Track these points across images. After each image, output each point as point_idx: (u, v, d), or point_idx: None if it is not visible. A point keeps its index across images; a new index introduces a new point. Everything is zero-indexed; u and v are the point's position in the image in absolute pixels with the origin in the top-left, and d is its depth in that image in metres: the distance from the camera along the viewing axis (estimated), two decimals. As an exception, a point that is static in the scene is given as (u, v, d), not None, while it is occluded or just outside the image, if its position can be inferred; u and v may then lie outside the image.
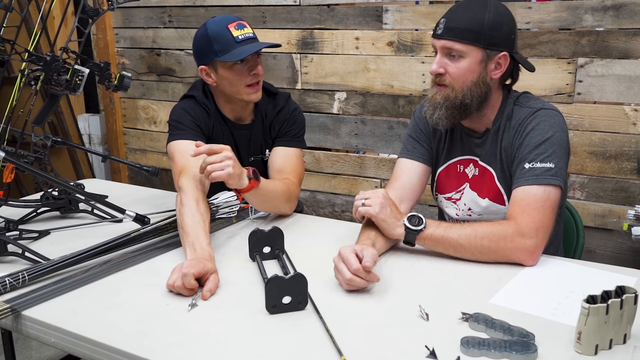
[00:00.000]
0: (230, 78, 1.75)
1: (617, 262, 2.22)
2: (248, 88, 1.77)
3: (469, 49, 1.47)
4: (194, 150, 1.54)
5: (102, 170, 3.65)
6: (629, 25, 2.15)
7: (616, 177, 2.27)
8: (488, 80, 1.52)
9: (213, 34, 1.73)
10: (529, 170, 1.46)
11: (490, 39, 1.47)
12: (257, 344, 1.10)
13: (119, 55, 3.41)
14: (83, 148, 2.63)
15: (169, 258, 1.51)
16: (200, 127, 1.81)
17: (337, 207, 2.92)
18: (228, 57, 1.72)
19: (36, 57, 1.65)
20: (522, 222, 1.40)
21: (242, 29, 1.75)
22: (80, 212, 1.84)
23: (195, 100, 1.85)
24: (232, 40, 1.73)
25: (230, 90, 1.79)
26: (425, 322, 1.16)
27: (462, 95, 1.50)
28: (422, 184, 1.69)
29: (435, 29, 1.53)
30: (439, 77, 1.52)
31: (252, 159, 1.92)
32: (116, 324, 1.18)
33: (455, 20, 1.49)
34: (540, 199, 1.43)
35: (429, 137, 1.70)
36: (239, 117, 1.88)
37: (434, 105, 1.54)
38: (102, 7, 1.79)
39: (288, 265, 1.42)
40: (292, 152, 1.88)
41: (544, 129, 1.48)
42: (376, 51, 2.65)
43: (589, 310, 1.01)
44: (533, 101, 1.56)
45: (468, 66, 1.49)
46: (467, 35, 1.47)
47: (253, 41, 1.76)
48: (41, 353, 2.65)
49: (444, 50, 1.50)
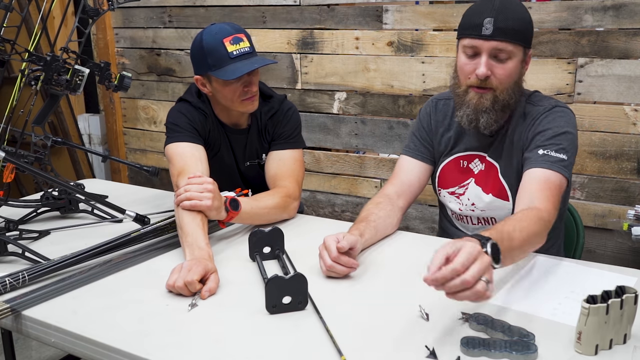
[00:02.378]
0: (224, 92, 1.74)
1: (617, 262, 2.22)
2: (243, 101, 1.75)
3: (518, 50, 1.46)
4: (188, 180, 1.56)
5: (102, 170, 3.65)
6: (629, 25, 2.15)
7: (616, 177, 2.27)
8: (522, 78, 1.53)
9: (207, 48, 1.70)
10: (542, 156, 1.46)
11: (530, 38, 1.49)
12: (257, 344, 1.10)
13: (119, 55, 3.41)
14: (83, 148, 2.63)
15: (169, 258, 1.51)
16: (197, 129, 1.80)
17: (337, 207, 2.92)
18: (221, 73, 1.69)
19: (36, 57, 1.65)
20: (548, 207, 1.38)
21: (238, 44, 1.71)
22: (80, 212, 1.84)
23: (191, 106, 1.83)
24: (227, 56, 1.69)
25: (224, 102, 1.78)
26: (425, 322, 1.16)
27: (508, 96, 1.49)
28: (420, 181, 1.70)
29: (479, 29, 1.43)
30: (485, 80, 1.46)
31: (248, 164, 1.91)
32: (116, 324, 1.18)
33: (504, 20, 1.43)
34: (557, 186, 1.43)
35: (430, 135, 1.70)
36: (235, 123, 1.87)
37: (480, 110, 1.49)
38: (102, 7, 1.80)
39: (288, 265, 1.42)
40: (288, 154, 1.86)
41: (560, 124, 1.49)
42: (376, 51, 2.65)
43: (589, 310, 1.01)
44: (546, 100, 1.57)
45: (514, 66, 1.47)
46: (518, 35, 1.45)
47: (249, 56, 1.72)
48: (41, 353, 2.65)
49: (492, 51, 1.44)
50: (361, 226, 1.50)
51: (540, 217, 1.34)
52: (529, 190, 1.43)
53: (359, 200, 2.83)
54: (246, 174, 1.94)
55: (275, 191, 1.75)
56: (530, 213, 1.34)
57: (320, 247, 1.38)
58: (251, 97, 1.76)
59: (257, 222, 1.68)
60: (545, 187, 1.41)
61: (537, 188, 1.42)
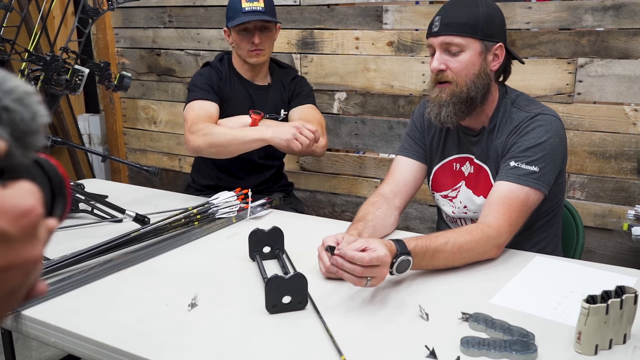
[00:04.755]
0: (237, 41, 2.13)
1: (617, 262, 2.22)
2: (250, 52, 2.11)
3: (468, 42, 1.49)
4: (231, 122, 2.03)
5: (102, 170, 3.65)
6: (629, 25, 2.15)
7: (616, 177, 2.27)
8: (489, 72, 1.53)
9: (230, 3, 2.14)
10: (512, 169, 1.48)
11: (487, 31, 1.50)
12: (257, 344, 1.10)
13: (119, 55, 3.41)
14: (83, 148, 2.63)
15: (169, 258, 1.51)
16: (212, 87, 2.12)
17: (337, 207, 2.92)
18: (230, 23, 2.10)
19: (36, 57, 1.65)
20: (500, 223, 1.42)
21: (252, 2, 2.09)
22: (80, 212, 1.84)
23: (210, 66, 2.19)
24: (240, 10, 2.09)
25: (238, 51, 2.15)
26: (425, 322, 1.16)
27: (467, 89, 1.51)
28: (416, 180, 1.71)
29: (431, 28, 1.53)
30: (440, 74, 1.52)
31: (268, 116, 2.16)
32: (116, 324, 1.18)
33: (450, 16, 1.50)
34: (521, 201, 1.45)
35: (423, 135, 1.72)
36: (254, 77, 2.21)
37: (439, 103, 1.54)
38: (102, 7, 1.79)
39: (288, 265, 1.42)
40: (309, 106, 2.21)
41: (538, 134, 1.50)
42: (376, 51, 2.65)
43: (589, 310, 1.01)
44: (532, 105, 1.57)
45: (469, 59, 1.50)
46: (465, 28, 1.48)
47: (259, 14, 2.08)
48: (41, 353, 2.65)
49: (442, 46, 1.51)
50: (359, 226, 1.50)
51: (484, 233, 1.39)
52: (489, 203, 1.47)
53: (359, 200, 2.83)
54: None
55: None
56: (477, 229, 1.41)
57: (320, 247, 1.38)
58: (256, 51, 2.11)
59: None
60: (505, 203, 1.44)
61: (497, 203, 1.45)
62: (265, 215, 1.81)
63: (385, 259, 1.21)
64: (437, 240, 1.35)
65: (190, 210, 1.67)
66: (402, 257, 1.25)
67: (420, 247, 1.31)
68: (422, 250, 1.31)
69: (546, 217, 1.61)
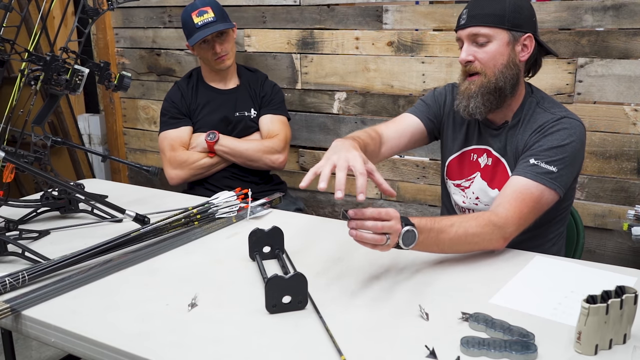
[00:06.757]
0: (201, 54, 2.38)
1: (617, 262, 2.22)
2: (216, 60, 2.35)
3: (495, 32, 1.50)
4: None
5: (102, 170, 3.65)
6: (629, 25, 2.15)
7: (616, 177, 2.27)
8: (517, 62, 1.54)
9: (183, 22, 2.35)
10: (531, 166, 1.48)
11: (514, 20, 1.50)
12: (257, 344, 1.10)
13: (119, 55, 3.41)
14: (83, 148, 2.63)
15: (169, 258, 1.51)
16: (179, 109, 2.40)
17: (337, 207, 2.92)
18: (190, 41, 2.32)
19: (36, 57, 1.65)
20: (509, 215, 1.41)
21: (202, 16, 2.28)
22: (80, 212, 1.84)
23: (175, 86, 2.47)
24: (194, 27, 2.29)
25: (204, 61, 2.41)
26: (425, 322, 1.16)
27: (496, 79, 1.52)
28: (412, 138, 1.73)
29: (459, 21, 1.54)
30: (468, 65, 1.53)
31: (237, 114, 2.42)
32: (116, 324, 1.18)
33: (477, 7, 1.52)
34: (535, 197, 1.45)
35: (440, 112, 1.73)
36: (222, 83, 2.46)
37: (468, 95, 1.54)
38: (102, 7, 1.79)
39: (288, 265, 1.42)
40: (278, 119, 2.44)
41: (562, 136, 1.50)
42: (376, 51, 2.65)
43: (589, 310, 1.01)
44: (558, 108, 1.57)
45: (497, 49, 1.50)
46: (492, 18, 1.49)
47: (213, 25, 2.28)
48: (41, 353, 2.66)
49: (470, 38, 1.52)
50: (356, 137, 1.52)
51: (491, 221, 1.38)
52: (502, 195, 1.47)
53: (359, 200, 2.83)
54: (235, 123, 2.43)
55: (264, 140, 2.40)
56: (483, 215, 1.41)
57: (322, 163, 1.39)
58: (220, 58, 2.35)
59: (239, 159, 2.37)
60: (518, 197, 1.44)
61: (511, 196, 1.45)
62: (265, 215, 1.81)
63: (396, 214, 1.24)
64: (443, 221, 1.35)
65: (190, 210, 1.67)
66: (408, 227, 1.25)
67: (425, 224, 1.31)
68: (427, 228, 1.30)
69: (555, 218, 1.62)
